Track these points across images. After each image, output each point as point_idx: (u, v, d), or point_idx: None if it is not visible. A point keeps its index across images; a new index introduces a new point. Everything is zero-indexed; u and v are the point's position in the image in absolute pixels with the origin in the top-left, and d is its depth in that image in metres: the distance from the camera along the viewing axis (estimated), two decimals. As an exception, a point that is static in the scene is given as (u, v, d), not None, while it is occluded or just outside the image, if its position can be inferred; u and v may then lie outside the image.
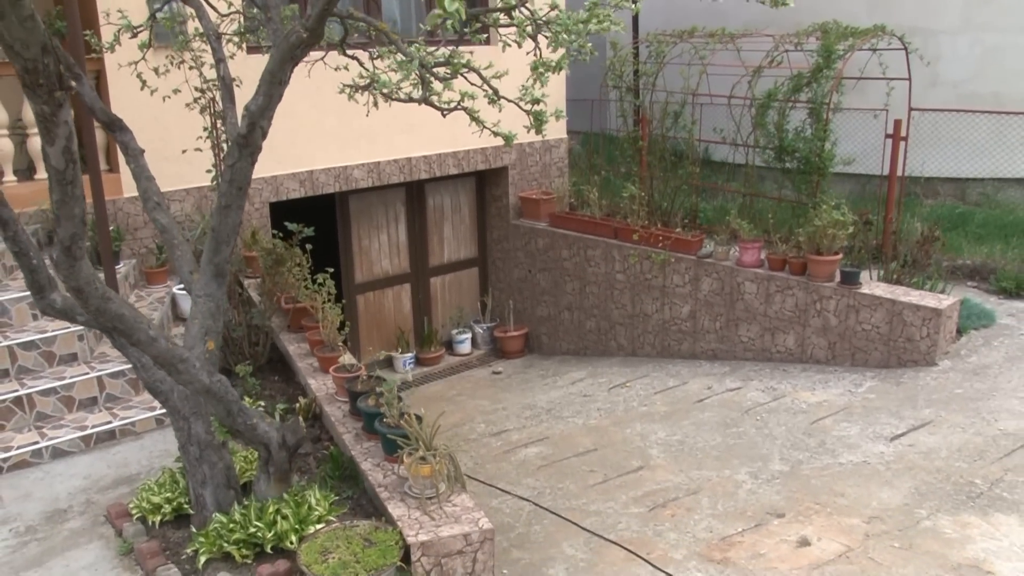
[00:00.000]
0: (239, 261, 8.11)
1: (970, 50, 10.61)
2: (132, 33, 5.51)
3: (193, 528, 5.00)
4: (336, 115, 8.39)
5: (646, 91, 9.26)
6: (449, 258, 10.51)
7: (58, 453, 6.06)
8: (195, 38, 5.99)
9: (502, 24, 4.52)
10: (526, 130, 4.73)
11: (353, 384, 5.95)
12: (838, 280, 7.64)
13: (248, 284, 7.93)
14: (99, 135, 7.42)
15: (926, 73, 9.64)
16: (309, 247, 7.36)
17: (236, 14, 6.10)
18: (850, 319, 7.51)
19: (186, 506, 5.18)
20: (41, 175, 7.78)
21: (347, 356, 6.51)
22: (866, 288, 7.46)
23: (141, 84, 6.01)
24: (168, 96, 6.59)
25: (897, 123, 8.28)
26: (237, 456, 5.52)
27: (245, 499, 5.11)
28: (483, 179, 10.53)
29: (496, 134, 4.94)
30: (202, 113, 7.00)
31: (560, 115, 4.94)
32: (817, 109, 7.86)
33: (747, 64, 8.54)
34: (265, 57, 5.98)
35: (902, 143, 8.32)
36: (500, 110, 4.74)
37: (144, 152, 5.33)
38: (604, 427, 7.30)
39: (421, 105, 4.84)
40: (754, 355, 8.30)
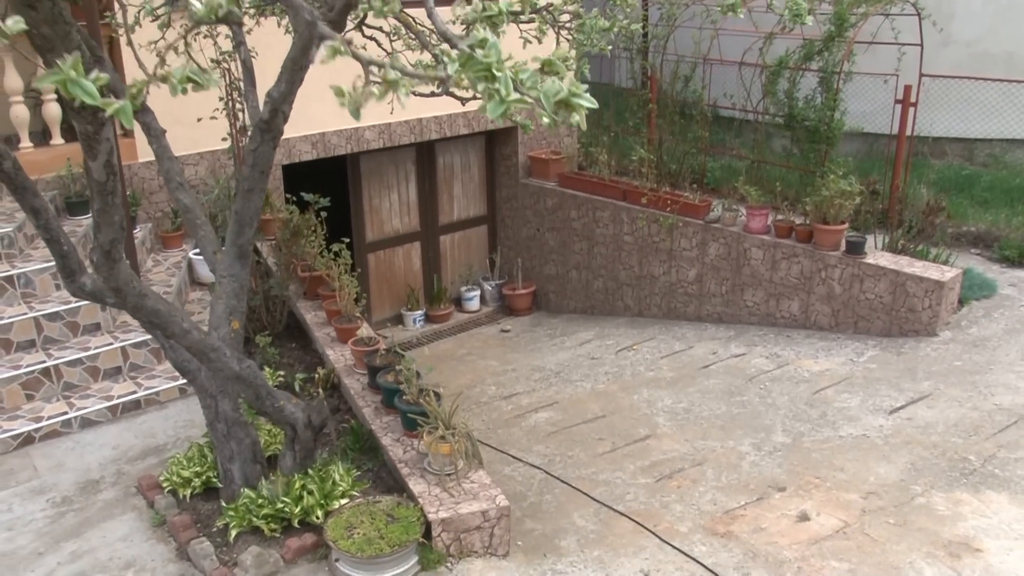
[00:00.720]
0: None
1: (983, 8, 10.59)
2: (153, 16, 5.59)
3: (223, 502, 5.30)
4: (348, 78, 8.46)
5: (656, 54, 9.30)
6: (458, 216, 10.68)
7: (86, 423, 6.34)
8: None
9: (522, 20, 4.64)
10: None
11: (372, 358, 6.19)
12: (843, 249, 7.83)
13: (263, 248, 8.11)
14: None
15: (939, 32, 9.65)
16: (323, 214, 7.53)
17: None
18: (854, 288, 7.72)
19: (214, 480, 5.46)
20: (56, 140, 7.91)
21: (365, 328, 6.75)
22: (871, 258, 7.65)
23: (160, 63, 6.10)
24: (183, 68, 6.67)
25: (907, 89, 8.35)
26: (262, 430, 5.80)
27: (271, 473, 5.40)
28: (492, 138, 10.63)
29: (515, 122, 5.07)
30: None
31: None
32: (828, 78, 7.93)
33: (760, 29, 8.57)
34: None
35: (911, 109, 8.41)
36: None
37: (166, 132, 5.48)
38: (612, 392, 7.58)
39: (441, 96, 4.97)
40: (759, 320, 8.53)
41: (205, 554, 4.94)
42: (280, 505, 5.09)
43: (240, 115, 7.31)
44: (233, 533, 5.05)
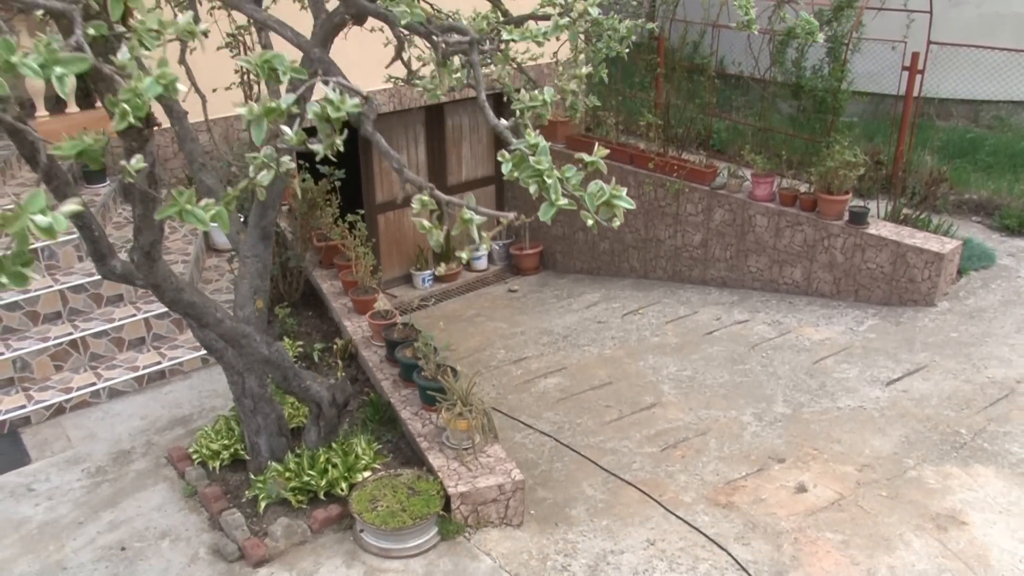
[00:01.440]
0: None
1: (994, -33, 10.63)
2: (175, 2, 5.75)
3: (251, 474, 5.65)
4: (358, 44, 8.56)
5: (665, 20, 9.39)
6: (467, 177, 10.88)
7: (114, 393, 6.66)
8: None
9: (539, 17, 4.82)
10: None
11: (390, 332, 6.48)
12: (846, 219, 8.07)
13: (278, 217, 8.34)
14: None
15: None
16: (338, 183, 7.75)
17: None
18: (856, 257, 7.98)
19: (242, 452, 5.81)
20: (72, 108, 8.08)
21: (382, 301, 7.03)
22: (873, 228, 7.90)
23: (186, 49, 6.27)
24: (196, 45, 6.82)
25: (915, 56, 8.48)
26: (286, 404, 6.12)
27: (296, 445, 5.74)
28: (501, 100, 10.72)
29: (541, 116, 5.29)
30: (234, 58, 7.24)
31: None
32: (836, 48, 8.07)
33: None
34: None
35: (918, 76, 8.55)
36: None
37: (187, 113, 5.69)
38: (618, 358, 7.89)
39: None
40: (762, 285, 8.81)
41: (236, 524, 5.31)
42: (307, 479, 5.44)
43: (256, 86, 7.47)
44: (263, 505, 5.41)
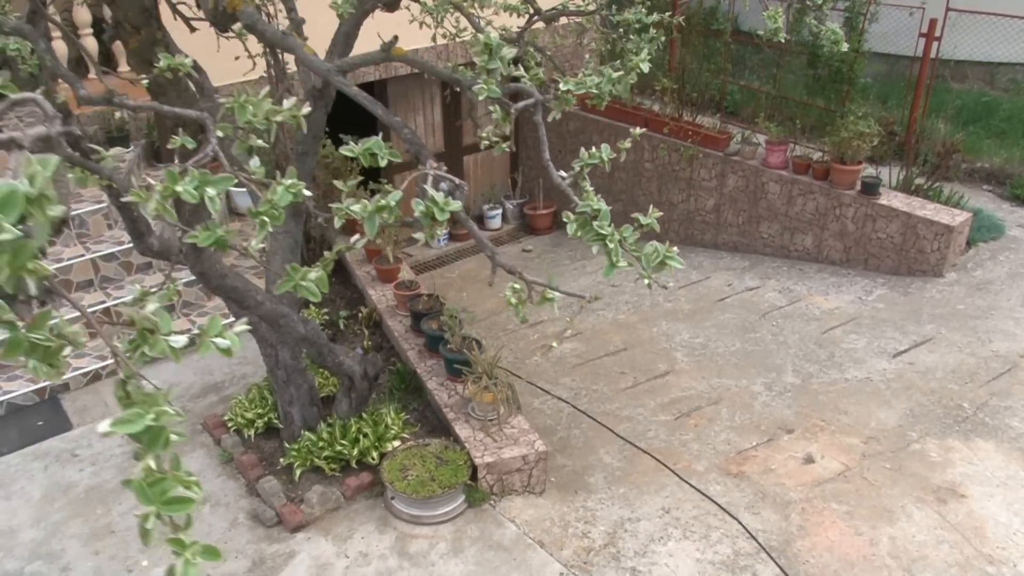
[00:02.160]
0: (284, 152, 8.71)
1: (1015, -74, 10.62)
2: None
3: (285, 442, 6.00)
4: (394, 25, 8.74)
5: (683, -15, 9.48)
6: (479, 134, 11.06)
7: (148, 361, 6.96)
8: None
9: (569, 13, 5.04)
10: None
11: (415, 303, 6.78)
12: (859, 189, 8.29)
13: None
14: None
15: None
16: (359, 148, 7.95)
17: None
18: (867, 227, 8.23)
19: (275, 420, 6.15)
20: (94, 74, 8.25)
21: (406, 271, 7.30)
22: (885, 199, 8.13)
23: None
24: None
25: (932, 23, 8.59)
26: (317, 373, 6.44)
27: (327, 414, 6.09)
28: (517, 62, 10.85)
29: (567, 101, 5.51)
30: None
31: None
32: (854, 18, 8.20)
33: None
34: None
35: (935, 43, 8.67)
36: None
37: (218, 91, 5.90)
38: (633, 324, 8.20)
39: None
40: (773, 251, 9.07)
41: (273, 491, 5.67)
42: (339, 448, 5.79)
43: (279, 56, 7.63)
44: (298, 472, 5.77)
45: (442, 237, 10.78)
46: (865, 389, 6.66)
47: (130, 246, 7.30)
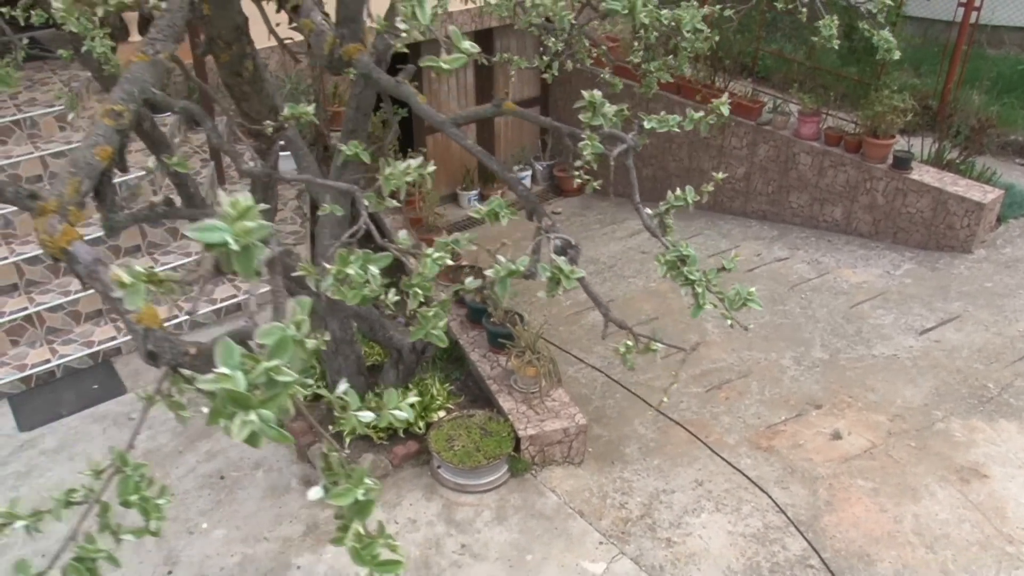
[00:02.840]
0: (325, 119, 8.91)
1: None
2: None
3: (334, 411, 6.32)
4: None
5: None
6: (512, 98, 11.19)
7: (196, 325, 7.29)
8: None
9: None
10: None
11: (458, 275, 7.03)
12: (890, 163, 8.46)
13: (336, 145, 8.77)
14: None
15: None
16: (397, 118, 8.14)
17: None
18: (897, 201, 8.42)
19: (323, 389, 6.46)
20: (135, 37, 8.42)
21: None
22: (916, 174, 8.30)
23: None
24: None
25: (972, -9, 8.65)
26: (363, 342, 6.73)
27: (373, 383, 6.39)
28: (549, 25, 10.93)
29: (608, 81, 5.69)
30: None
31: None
32: (892, -10, 8.25)
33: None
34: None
35: (973, 12, 8.72)
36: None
37: (267, 62, 6.09)
38: (663, 292, 8.46)
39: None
40: (802, 221, 9.28)
41: (325, 457, 6.00)
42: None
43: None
44: (347, 440, 6.10)
45: (472, 197, 11.01)
46: (892, 366, 6.93)
47: (176, 212, 7.55)
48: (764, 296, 8.09)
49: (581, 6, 5.24)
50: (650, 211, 3.11)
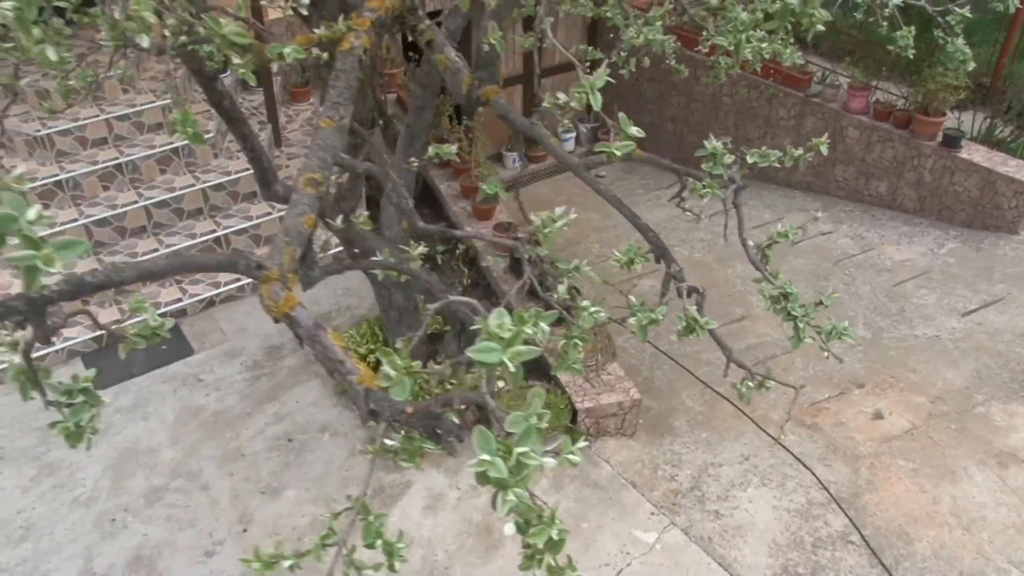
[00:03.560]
0: (381, 84, 9.12)
1: None
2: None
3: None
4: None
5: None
6: (559, 60, 11.32)
7: (256, 288, 7.62)
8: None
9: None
10: None
11: (508, 232, 7.33)
12: (940, 141, 8.62)
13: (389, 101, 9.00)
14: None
15: None
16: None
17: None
18: (944, 179, 8.61)
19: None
20: None
21: (504, 212, 7.82)
22: (965, 152, 8.48)
23: None
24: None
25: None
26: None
27: (435, 351, 6.75)
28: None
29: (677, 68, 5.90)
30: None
31: None
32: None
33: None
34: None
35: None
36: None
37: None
38: (708, 263, 8.74)
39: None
40: (846, 195, 9.48)
41: (389, 423, 6.39)
42: (448, 386, 6.46)
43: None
44: (410, 409, 6.47)
45: (516, 158, 11.23)
46: (934, 347, 7.23)
47: (236, 176, 7.86)
48: (808, 271, 8.36)
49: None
50: (753, 243, 3.39)
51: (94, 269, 2.26)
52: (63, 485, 6.21)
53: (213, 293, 7.46)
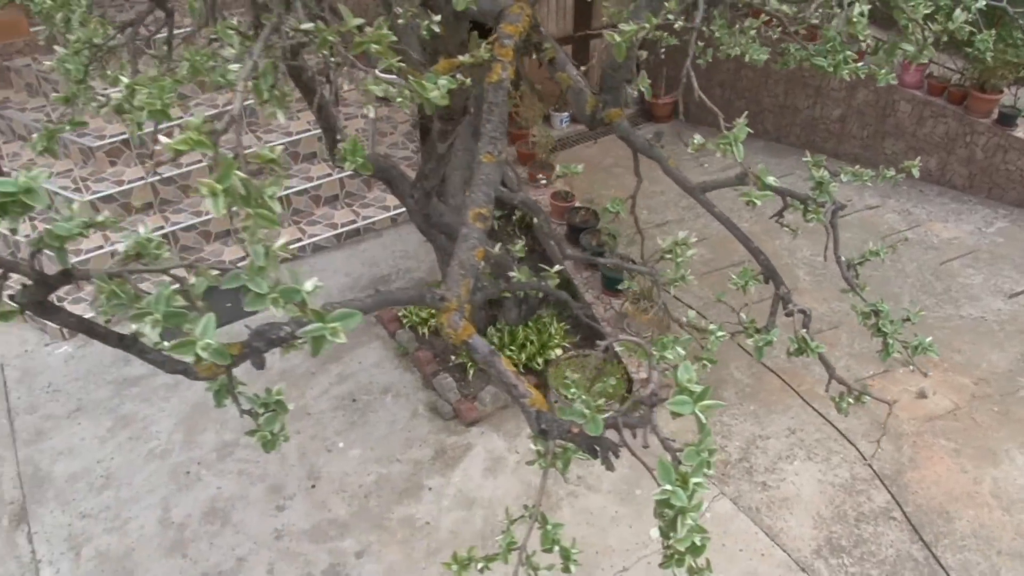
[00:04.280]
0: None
1: None
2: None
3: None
4: None
5: None
6: (610, 19, 11.41)
7: (317, 248, 7.93)
8: None
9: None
10: None
11: (572, 216, 7.58)
12: (994, 118, 8.74)
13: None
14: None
15: None
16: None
17: None
18: (996, 157, 8.76)
19: (446, 320, 7.13)
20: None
21: (561, 182, 8.04)
22: (1021, 131, 8.60)
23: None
24: None
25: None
26: (485, 278, 7.36)
27: (494, 318, 7.04)
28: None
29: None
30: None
31: None
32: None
33: None
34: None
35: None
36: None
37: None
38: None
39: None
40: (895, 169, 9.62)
41: (449, 387, 6.73)
42: (508, 353, 6.79)
43: None
44: (471, 372, 6.80)
45: (564, 119, 11.40)
46: (979, 328, 7.47)
47: (297, 137, 8.09)
48: (854, 246, 8.53)
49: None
50: (845, 259, 3.63)
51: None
52: (138, 437, 6.60)
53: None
